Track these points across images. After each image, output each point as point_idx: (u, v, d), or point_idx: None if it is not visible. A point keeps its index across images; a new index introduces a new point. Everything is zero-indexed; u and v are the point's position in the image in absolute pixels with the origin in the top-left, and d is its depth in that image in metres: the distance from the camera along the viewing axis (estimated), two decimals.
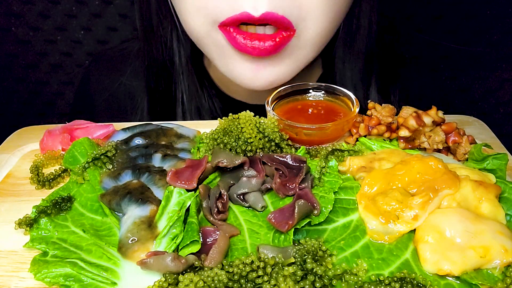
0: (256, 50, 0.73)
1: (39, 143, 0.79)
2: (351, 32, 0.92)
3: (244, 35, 0.73)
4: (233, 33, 0.74)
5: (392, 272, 0.54)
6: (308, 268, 0.51)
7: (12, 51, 1.40)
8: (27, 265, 0.56)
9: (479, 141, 0.75)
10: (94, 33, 1.38)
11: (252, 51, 0.74)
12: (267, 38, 0.73)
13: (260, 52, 0.73)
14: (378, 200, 0.60)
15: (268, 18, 0.71)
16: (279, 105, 0.81)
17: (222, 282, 0.50)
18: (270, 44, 0.73)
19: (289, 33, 0.74)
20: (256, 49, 0.73)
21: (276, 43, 0.73)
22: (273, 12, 0.70)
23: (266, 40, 0.73)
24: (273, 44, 0.73)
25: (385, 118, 0.75)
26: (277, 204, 0.64)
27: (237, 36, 0.73)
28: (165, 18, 0.93)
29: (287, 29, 0.73)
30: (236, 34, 0.74)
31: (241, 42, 0.73)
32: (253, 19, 0.71)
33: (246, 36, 0.73)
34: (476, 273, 0.53)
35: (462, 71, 1.40)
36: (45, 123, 0.89)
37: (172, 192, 0.63)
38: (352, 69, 0.95)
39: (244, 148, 0.70)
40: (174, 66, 0.98)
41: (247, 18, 0.71)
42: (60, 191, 0.68)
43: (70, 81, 1.45)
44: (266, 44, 0.73)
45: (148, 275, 0.54)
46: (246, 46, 0.73)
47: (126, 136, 0.77)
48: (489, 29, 1.32)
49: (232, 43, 0.75)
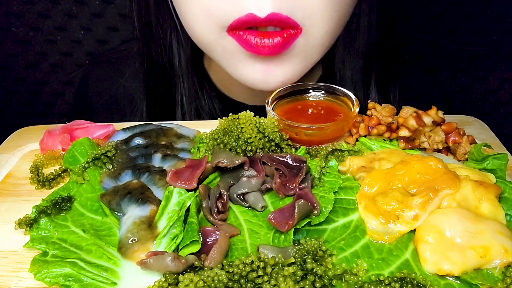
0: (266, 48, 0.74)
1: (39, 143, 0.79)
2: (351, 32, 0.92)
3: (254, 35, 0.74)
4: (244, 35, 0.74)
5: (392, 272, 0.54)
6: (308, 268, 0.51)
7: (12, 51, 1.40)
8: (27, 265, 0.56)
9: (479, 141, 0.75)
10: (94, 33, 1.38)
11: (262, 50, 0.74)
12: (275, 35, 0.74)
13: (270, 50, 0.74)
14: (378, 200, 0.60)
15: (273, 19, 0.71)
16: (279, 105, 0.81)
17: (222, 282, 0.50)
18: (278, 40, 0.73)
19: (296, 31, 0.74)
20: (266, 47, 0.73)
21: (284, 38, 0.74)
22: (277, 12, 0.71)
23: (275, 37, 0.73)
24: (281, 40, 0.73)
25: (385, 118, 0.75)
26: (277, 204, 0.64)
27: (248, 36, 0.74)
28: (164, 20, 0.93)
29: (294, 27, 0.74)
30: (247, 35, 0.74)
31: (252, 41, 0.74)
32: (259, 20, 0.71)
33: (256, 35, 0.73)
34: (476, 273, 0.53)
35: (462, 71, 1.40)
36: (45, 123, 0.89)
37: (172, 192, 0.63)
38: (352, 68, 0.95)
39: (244, 148, 0.70)
40: (174, 68, 0.98)
41: (252, 20, 0.71)
42: (60, 191, 0.68)
43: (70, 81, 1.45)
44: (275, 40, 0.73)
45: (148, 275, 0.54)
46: (257, 45, 0.73)
47: (126, 136, 0.77)
48: (489, 29, 1.32)
49: (244, 46, 0.75)
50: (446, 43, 1.36)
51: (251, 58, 0.78)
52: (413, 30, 1.36)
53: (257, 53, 0.75)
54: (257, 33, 0.74)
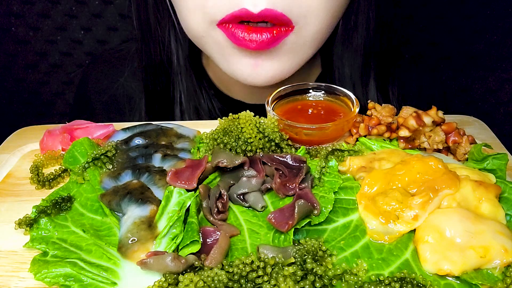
0: (254, 43, 0.74)
1: (39, 143, 0.79)
2: (350, 29, 0.92)
3: (242, 29, 0.74)
4: (232, 28, 0.74)
5: (392, 272, 0.54)
6: (308, 268, 0.51)
7: (12, 51, 1.40)
8: (27, 265, 0.56)
9: (479, 141, 0.75)
10: (94, 33, 1.39)
11: (250, 44, 0.74)
12: (264, 31, 0.74)
13: (258, 45, 0.74)
14: (378, 200, 0.60)
15: (267, 14, 0.71)
16: (279, 105, 0.81)
17: (222, 282, 0.50)
18: (267, 37, 0.73)
19: (287, 28, 0.74)
20: (253, 41, 0.74)
21: (273, 35, 0.74)
22: (272, 8, 0.71)
23: (263, 32, 0.73)
24: (270, 37, 0.74)
25: (385, 118, 0.75)
26: (277, 204, 0.64)
27: (235, 30, 0.74)
28: (163, 18, 0.93)
29: (286, 25, 0.74)
30: (235, 29, 0.74)
31: (240, 35, 0.74)
32: (252, 16, 0.71)
33: (243, 30, 0.74)
34: (476, 273, 0.53)
35: (462, 71, 1.40)
36: (45, 123, 0.89)
37: (172, 192, 0.63)
38: (351, 66, 0.95)
39: (244, 148, 0.70)
40: (172, 66, 0.98)
41: (246, 15, 0.72)
42: (60, 191, 0.67)
43: (70, 81, 1.45)
44: (263, 36, 0.73)
45: (148, 275, 0.54)
46: (245, 39, 0.74)
47: (126, 136, 0.77)
48: (489, 29, 1.32)
49: (231, 38, 0.75)
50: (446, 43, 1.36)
51: (240, 52, 0.78)
52: (413, 30, 1.36)
53: (244, 47, 0.75)
54: (246, 27, 0.74)
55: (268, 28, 0.74)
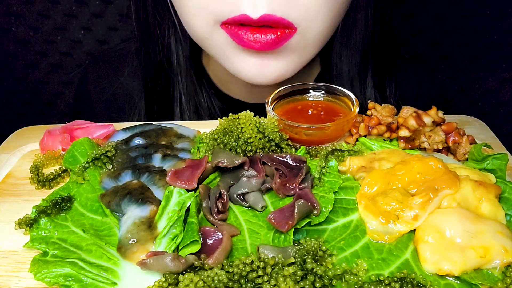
0: (258, 43, 0.74)
1: (39, 143, 0.79)
2: (348, 27, 0.92)
3: (246, 30, 0.74)
4: (235, 29, 0.74)
5: (392, 272, 0.54)
6: (308, 268, 0.51)
7: (12, 51, 1.40)
8: (27, 265, 0.56)
9: (479, 141, 0.75)
10: (94, 33, 1.39)
11: (255, 45, 0.74)
12: (269, 32, 0.74)
13: (262, 45, 0.74)
14: (378, 200, 0.60)
15: (266, 19, 0.71)
16: (279, 105, 0.81)
17: (222, 282, 0.50)
18: (271, 38, 0.73)
19: (290, 30, 0.74)
20: (257, 41, 0.74)
21: (277, 36, 0.74)
22: (271, 14, 0.71)
23: (268, 33, 0.73)
24: (274, 37, 0.73)
25: (385, 118, 0.75)
26: (277, 204, 0.64)
27: (239, 31, 0.74)
28: (162, 18, 0.93)
29: (288, 27, 0.74)
30: (238, 30, 0.74)
31: (243, 36, 0.74)
32: (251, 21, 0.72)
33: (247, 31, 0.73)
34: (476, 273, 0.53)
35: (462, 71, 1.40)
36: (45, 123, 0.89)
37: (172, 192, 0.63)
38: (349, 63, 0.96)
39: (244, 148, 0.70)
40: (172, 66, 0.98)
41: (245, 20, 0.72)
42: (60, 191, 0.67)
43: (70, 81, 1.45)
44: (268, 37, 0.73)
45: (148, 275, 0.54)
46: (249, 40, 0.74)
47: (126, 136, 0.77)
48: (489, 29, 1.32)
49: (235, 39, 0.75)
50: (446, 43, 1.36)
51: (245, 52, 0.78)
52: (413, 30, 1.36)
53: (249, 47, 0.75)
54: (250, 28, 0.74)
55: (272, 28, 0.74)
